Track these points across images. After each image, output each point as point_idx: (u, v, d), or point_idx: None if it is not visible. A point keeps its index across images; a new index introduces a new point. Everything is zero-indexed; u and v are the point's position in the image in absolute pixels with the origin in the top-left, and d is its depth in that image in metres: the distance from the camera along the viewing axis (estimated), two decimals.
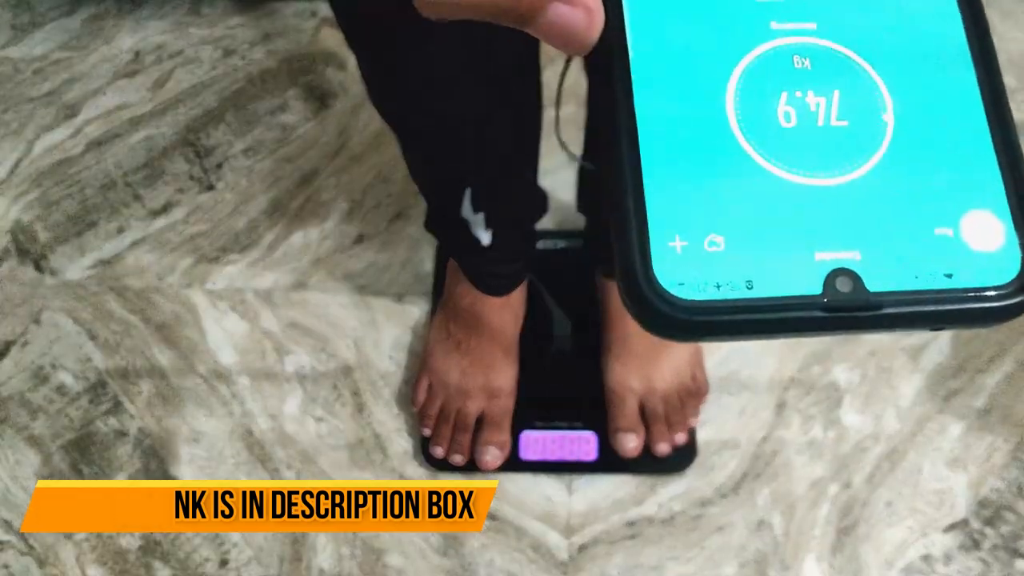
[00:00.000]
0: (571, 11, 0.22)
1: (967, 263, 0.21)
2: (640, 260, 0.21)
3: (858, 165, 0.22)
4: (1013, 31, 1.22)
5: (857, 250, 0.21)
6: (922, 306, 0.21)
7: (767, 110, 0.23)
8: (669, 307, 0.21)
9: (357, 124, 1.18)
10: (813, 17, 0.23)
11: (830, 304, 0.21)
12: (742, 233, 0.22)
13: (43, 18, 1.28)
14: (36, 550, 0.93)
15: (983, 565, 0.90)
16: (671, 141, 0.22)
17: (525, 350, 0.99)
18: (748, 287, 0.21)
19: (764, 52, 0.23)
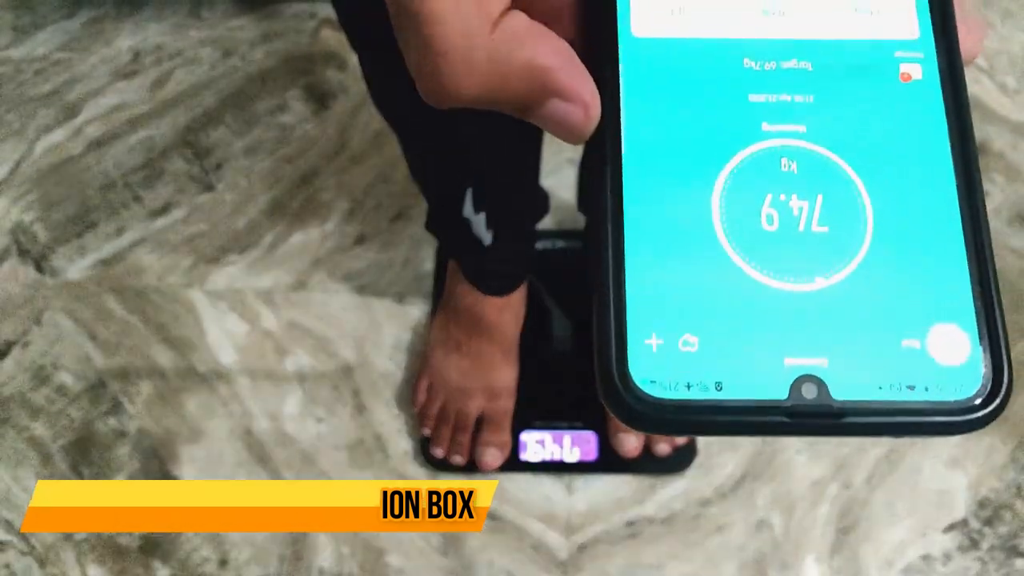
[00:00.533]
0: (569, 107, 0.22)
1: (931, 376, 0.22)
2: (616, 356, 0.22)
3: (834, 272, 0.23)
4: (1014, 31, 1.23)
5: (825, 357, 0.22)
6: (883, 417, 0.21)
7: (751, 211, 0.23)
8: (640, 404, 0.21)
9: (357, 124, 1.18)
10: (803, 120, 0.24)
11: (794, 410, 0.21)
12: (716, 334, 0.22)
13: (44, 20, 1.28)
14: (37, 550, 0.93)
15: (981, 565, 0.90)
16: (656, 237, 0.23)
17: (525, 350, 0.99)
18: (717, 388, 0.21)
19: (753, 153, 0.23)
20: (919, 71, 0.24)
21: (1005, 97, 1.17)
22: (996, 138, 1.14)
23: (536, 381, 0.99)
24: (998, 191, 1.10)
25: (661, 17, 0.25)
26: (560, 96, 0.22)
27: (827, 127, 0.24)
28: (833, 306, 0.22)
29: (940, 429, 0.22)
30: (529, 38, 0.22)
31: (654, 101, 0.24)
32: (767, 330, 0.22)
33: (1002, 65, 1.20)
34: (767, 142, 0.24)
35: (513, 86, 0.22)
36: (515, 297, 0.97)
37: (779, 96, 0.24)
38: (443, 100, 0.22)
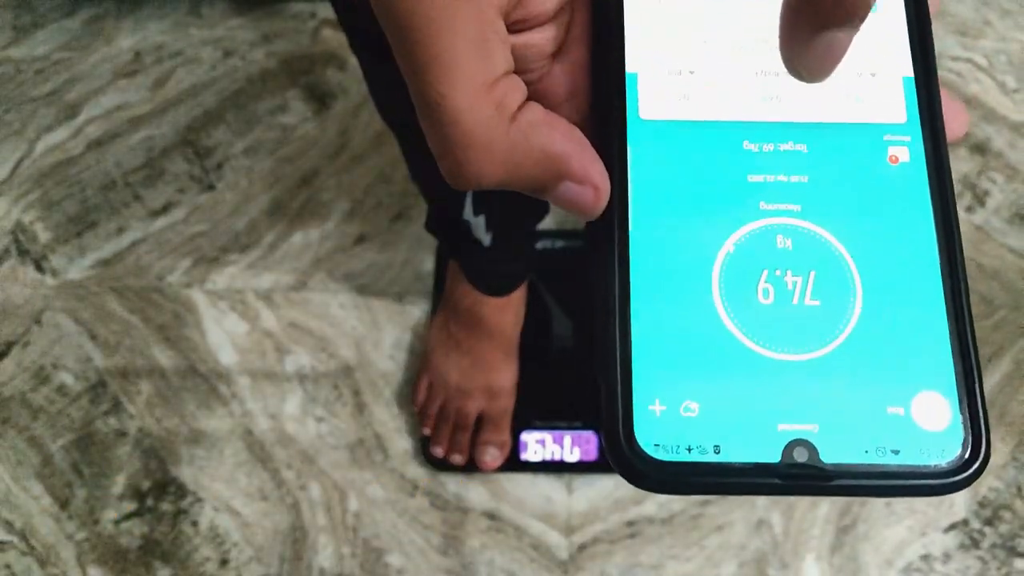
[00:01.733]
0: (581, 189, 0.24)
1: (914, 441, 0.23)
2: (622, 421, 0.23)
3: (824, 344, 0.24)
4: (1013, 31, 1.22)
5: (816, 423, 0.23)
6: (870, 479, 0.23)
7: (748, 286, 0.25)
8: (645, 465, 0.23)
9: (358, 124, 1.18)
10: (798, 199, 0.25)
11: (786, 472, 0.23)
12: (715, 401, 0.24)
13: (44, 19, 1.28)
14: (37, 550, 0.93)
15: (982, 564, 0.90)
16: (659, 310, 0.24)
17: (525, 350, 0.99)
18: (716, 451, 0.23)
19: (750, 230, 0.25)
20: (906, 154, 0.26)
21: (1004, 96, 1.17)
22: (995, 137, 1.14)
23: (536, 381, 0.99)
24: (997, 190, 1.10)
25: (667, 101, 0.26)
26: (573, 179, 0.24)
27: (820, 206, 0.25)
28: (824, 375, 0.24)
29: (923, 491, 0.23)
30: (545, 127, 0.24)
31: (660, 180, 0.26)
32: (762, 397, 0.24)
33: (1001, 64, 1.20)
34: (764, 220, 0.25)
35: (530, 172, 0.24)
36: (515, 297, 0.97)
37: (776, 176, 0.26)
38: (464, 185, 0.24)
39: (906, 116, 0.26)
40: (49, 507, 0.95)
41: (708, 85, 0.26)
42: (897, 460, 0.23)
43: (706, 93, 0.26)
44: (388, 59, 0.67)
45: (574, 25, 0.26)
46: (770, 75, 0.27)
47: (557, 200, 0.25)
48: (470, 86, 0.22)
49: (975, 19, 1.23)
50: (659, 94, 0.26)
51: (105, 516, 0.95)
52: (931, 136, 0.26)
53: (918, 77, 0.27)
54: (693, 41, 0.27)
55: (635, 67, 0.27)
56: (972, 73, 1.19)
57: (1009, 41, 1.22)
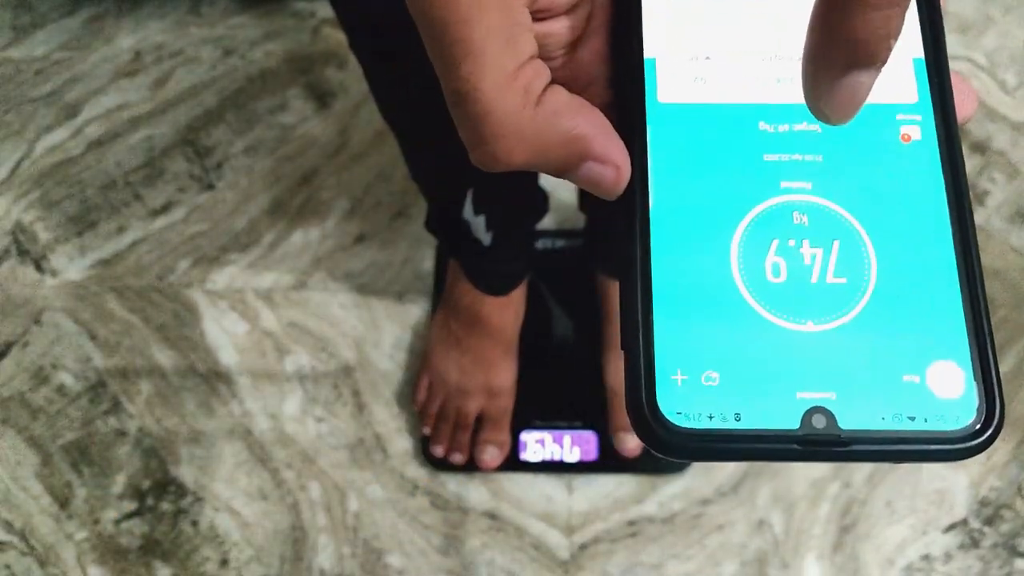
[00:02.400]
0: (603, 168, 0.25)
1: (930, 408, 0.24)
2: (646, 390, 0.24)
3: (841, 315, 0.25)
4: (1015, 27, 1.22)
5: (833, 391, 0.24)
6: (887, 444, 0.24)
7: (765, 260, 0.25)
8: (668, 433, 0.24)
9: (357, 123, 1.18)
10: (813, 177, 0.26)
11: (805, 438, 0.24)
12: (735, 371, 0.24)
13: (44, 19, 1.28)
14: (37, 550, 0.93)
15: (983, 564, 0.90)
16: (680, 284, 0.25)
17: (525, 349, 0.99)
18: (736, 419, 0.24)
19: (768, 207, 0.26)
20: (918, 132, 0.27)
21: (1005, 95, 1.17)
22: (996, 135, 1.13)
23: (536, 380, 0.99)
24: (998, 189, 1.10)
25: (684, 85, 0.27)
26: (595, 160, 0.25)
27: (835, 183, 0.26)
28: (841, 345, 0.25)
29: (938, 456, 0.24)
30: (568, 111, 0.25)
31: (678, 161, 0.27)
32: (781, 367, 0.24)
33: (1002, 62, 1.19)
34: (780, 197, 0.26)
35: (555, 153, 0.25)
36: (515, 296, 0.97)
37: (791, 155, 0.27)
38: (494, 168, 0.25)
39: (917, 96, 0.27)
40: (49, 507, 0.95)
41: (724, 69, 0.27)
42: (913, 426, 0.24)
43: (722, 76, 0.27)
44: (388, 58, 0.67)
45: (594, 14, 0.27)
46: (784, 59, 0.27)
47: (580, 179, 0.26)
48: (499, 74, 0.23)
49: (976, 17, 1.23)
50: (677, 78, 0.27)
51: (105, 516, 0.95)
52: (942, 115, 0.27)
53: (928, 58, 0.27)
54: (709, 27, 0.28)
55: (653, 52, 0.28)
56: (973, 71, 1.19)
57: (1010, 39, 1.22)
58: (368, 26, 0.63)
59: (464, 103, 0.24)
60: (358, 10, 0.63)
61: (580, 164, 0.25)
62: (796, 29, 0.27)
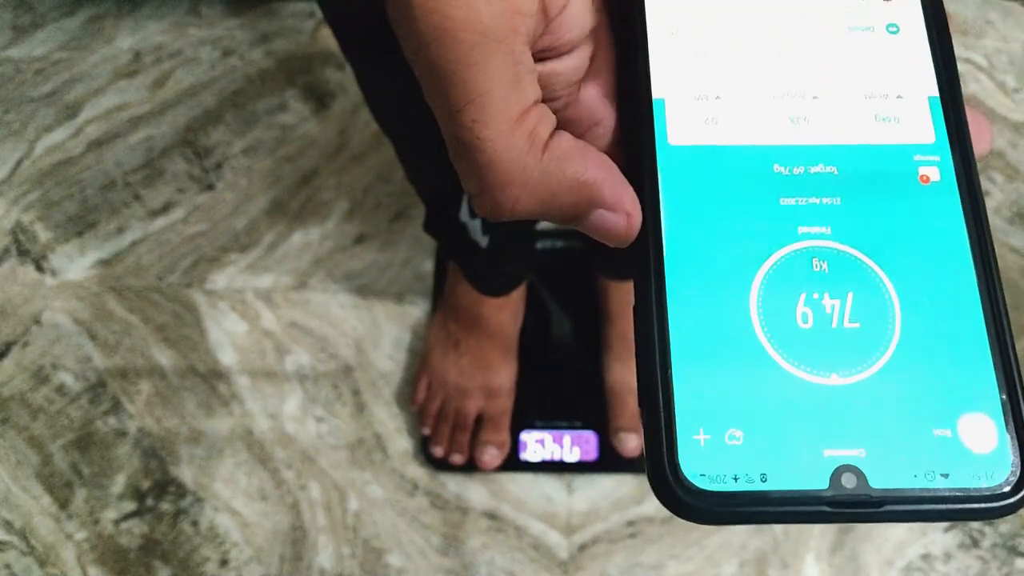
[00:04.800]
0: (613, 216, 0.24)
1: (963, 463, 0.23)
2: (667, 452, 0.23)
3: (867, 366, 0.24)
4: (1013, 30, 1.22)
5: (862, 448, 0.23)
6: (920, 504, 0.23)
7: (786, 310, 0.24)
8: (691, 497, 0.23)
9: (357, 124, 1.18)
10: (831, 222, 0.25)
11: (835, 500, 0.22)
12: (759, 428, 0.23)
13: (44, 19, 1.28)
14: (37, 550, 0.93)
15: (982, 564, 0.90)
16: (699, 337, 0.24)
17: (525, 350, 0.99)
18: (762, 480, 0.23)
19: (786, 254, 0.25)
20: (937, 173, 0.26)
21: (1005, 96, 1.17)
22: (996, 137, 1.14)
23: (536, 381, 0.99)
24: (998, 190, 1.10)
25: (695, 126, 0.26)
26: (605, 207, 0.24)
27: (854, 228, 0.25)
28: (868, 398, 0.23)
29: (973, 515, 0.23)
30: (575, 156, 0.24)
31: (691, 206, 0.25)
32: (807, 423, 0.23)
33: (1002, 64, 1.19)
34: (798, 244, 0.25)
35: (563, 201, 0.24)
36: (514, 296, 0.97)
37: (808, 199, 0.26)
38: (499, 217, 0.24)
39: (934, 136, 0.26)
40: (49, 507, 0.95)
41: (735, 109, 0.26)
42: (947, 484, 0.23)
43: (733, 117, 0.26)
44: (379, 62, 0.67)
45: (598, 53, 0.27)
46: (796, 97, 0.27)
47: (590, 228, 0.25)
48: (504, 121, 0.23)
49: (976, 19, 1.23)
50: (686, 119, 0.26)
51: (105, 516, 0.95)
52: (960, 154, 0.26)
53: (944, 96, 0.27)
54: (718, 65, 0.27)
55: (661, 93, 0.27)
56: (972, 73, 1.19)
57: (1010, 41, 1.22)
58: (358, 30, 0.63)
59: (467, 151, 0.23)
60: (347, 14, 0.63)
61: (589, 212, 0.24)
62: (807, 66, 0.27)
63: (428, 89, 0.23)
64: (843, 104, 0.27)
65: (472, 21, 0.22)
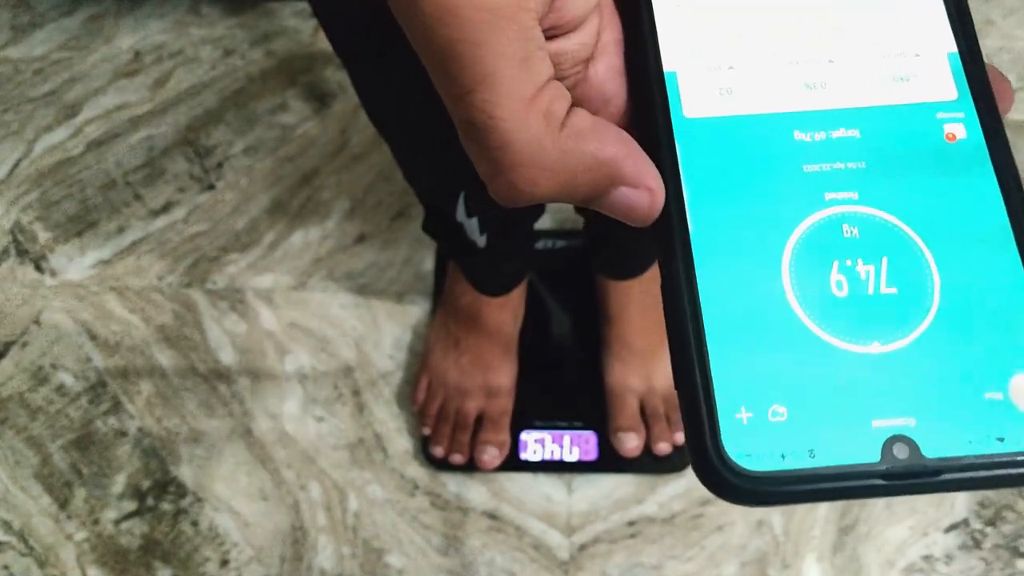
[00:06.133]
0: (636, 192, 0.24)
1: (1018, 426, 0.22)
2: (709, 433, 0.22)
3: (908, 332, 0.23)
4: (1016, 28, 1.22)
5: (912, 417, 0.22)
6: (977, 471, 0.22)
7: (820, 279, 0.24)
8: (738, 478, 0.22)
9: (357, 123, 1.17)
10: (858, 186, 0.24)
11: (889, 472, 0.22)
12: (803, 402, 0.22)
13: (43, 18, 1.28)
14: (36, 550, 0.93)
15: (984, 564, 0.90)
16: (732, 312, 0.23)
17: (525, 349, 0.99)
18: (811, 456, 0.22)
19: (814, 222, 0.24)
20: (963, 130, 0.25)
21: None
22: None
23: (536, 380, 0.99)
24: None
25: (709, 97, 0.26)
26: (627, 184, 0.23)
27: (882, 191, 0.24)
28: (912, 365, 0.23)
29: None
30: (593, 133, 0.23)
31: (713, 179, 0.25)
32: (851, 394, 0.22)
33: (1004, 63, 1.19)
34: (827, 210, 0.24)
35: (583, 180, 0.23)
36: (514, 296, 0.97)
37: (832, 165, 0.25)
38: (517, 202, 0.23)
39: (956, 92, 0.26)
40: (48, 507, 0.95)
41: (749, 78, 0.26)
42: (1003, 448, 0.22)
43: (748, 86, 0.26)
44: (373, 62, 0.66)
45: (606, 28, 0.26)
46: (811, 62, 0.26)
47: (612, 207, 0.24)
48: (517, 101, 0.22)
49: (977, 18, 1.23)
50: (700, 91, 0.26)
51: (105, 516, 0.95)
52: (985, 110, 0.25)
53: (962, 52, 0.26)
54: (728, 34, 0.26)
55: (673, 66, 0.26)
56: None
57: (1012, 40, 1.22)
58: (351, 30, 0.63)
59: (479, 134, 0.22)
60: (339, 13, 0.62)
61: (611, 190, 0.24)
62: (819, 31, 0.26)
63: (435, 73, 0.22)
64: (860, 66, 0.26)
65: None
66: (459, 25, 0.21)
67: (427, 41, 0.22)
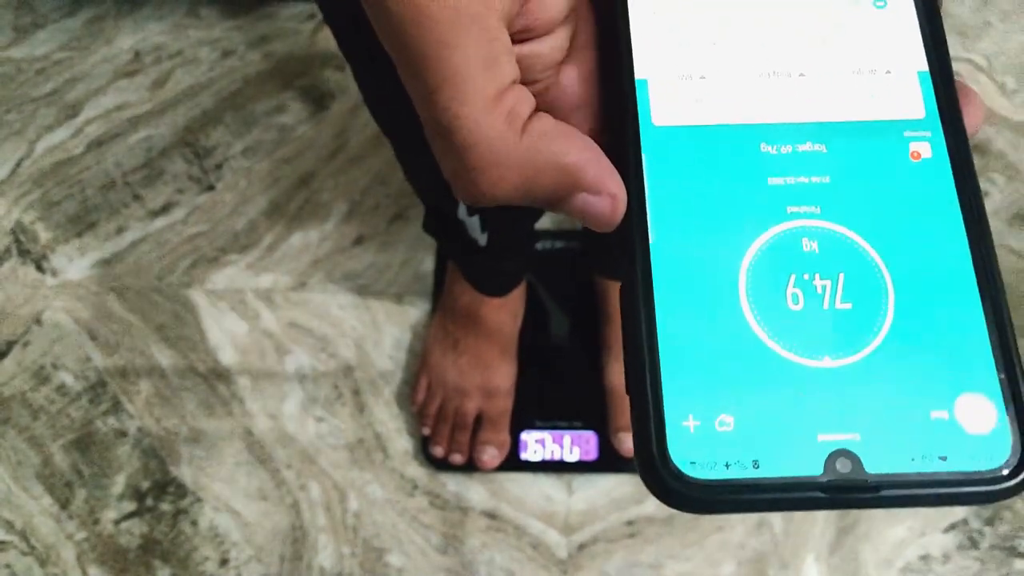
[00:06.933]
0: (597, 199, 0.24)
1: (961, 446, 0.22)
2: (656, 439, 0.22)
3: (860, 348, 0.23)
4: (1013, 32, 1.23)
5: (857, 432, 0.22)
6: (918, 488, 0.22)
7: (776, 292, 0.24)
8: (682, 485, 0.22)
9: (355, 125, 1.18)
10: (821, 201, 0.25)
11: (830, 485, 0.22)
12: (750, 413, 0.22)
13: (44, 19, 1.28)
14: (37, 550, 0.93)
15: (981, 565, 0.90)
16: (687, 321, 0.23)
17: (524, 350, 0.99)
18: (755, 466, 0.22)
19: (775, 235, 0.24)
20: (928, 149, 0.25)
21: (1004, 97, 1.17)
22: (995, 138, 1.14)
23: (536, 380, 0.99)
24: (997, 191, 1.10)
25: (679, 106, 0.26)
26: (588, 190, 0.24)
27: (844, 206, 0.25)
28: (861, 381, 0.23)
29: (973, 498, 0.22)
30: (556, 138, 0.23)
31: (677, 187, 0.25)
32: (799, 407, 0.23)
33: (1001, 65, 1.20)
34: (788, 223, 0.24)
35: (544, 184, 0.23)
36: (514, 296, 0.97)
37: (797, 178, 0.25)
38: (479, 202, 0.23)
39: (924, 111, 0.26)
40: (49, 507, 0.95)
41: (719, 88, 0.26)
42: (945, 467, 0.22)
43: (718, 96, 0.26)
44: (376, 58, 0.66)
45: (579, 33, 0.26)
46: (782, 75, 0.26)
47: (573, 212, 0.24)
48: (480, 101, 0.22)
49: (975, 20, 1.24)
50: (670, 99, 0.26)
51: (105, 516, 0.95)
52: (952, 130, 0.25)
53: (933, 71, 0.26)
54: (701, 44, 0.26)
55: (644, 73, 0.26)
56: (972, 74, 1.19)
57: (1009, 42, 1.22)
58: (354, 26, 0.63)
59: (444, 133, 0.22)
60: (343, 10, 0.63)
61: (572, 195, 0.24)
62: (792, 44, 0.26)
63: (402, 71, 0.23)
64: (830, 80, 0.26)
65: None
66: (424, 24, 0.21)
67: (393, 39, 0.22)
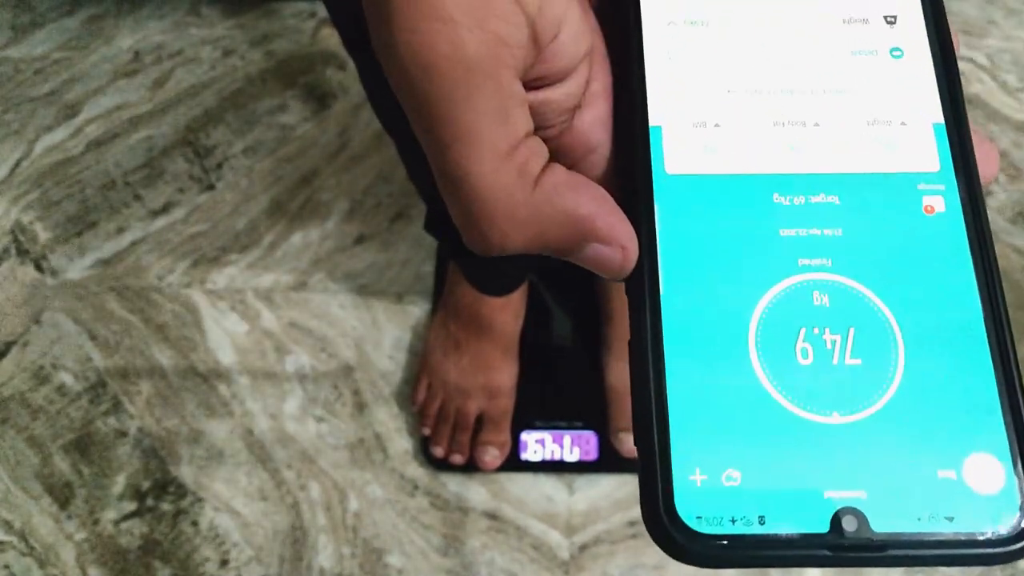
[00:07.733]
0: (608, 250, 0.24)
1: (968, 506, 0.22)
2: (662, 492, 0.22)
3: (869, 404, 0.23)
4: (1018, 29, 1.22)
5: (863, 490, 0.22)
6: (924, 549, 0.22)
7: (786, 346, 0.23)
8: (687, 539, 0.22)
9: (357, 124, 1.17)
10: (833, 254, 0.24)
11: (835, 544, 0.22)
12: (758, 468, 0.22)
13: (43, 18, 1.28)
14: (37, 550, 0.93)
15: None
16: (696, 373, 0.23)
17: (525, 350, 0.99)
18: (761, 522, 0.22)
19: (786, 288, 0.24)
20: (941, 203, 0.25)
21: (1007, 96, 1.17)
22: (999, 136, 1.13)
23: (536, 381, 0.99)
24: (1000, 190, 1.10)
25: (693, 154, 0.25)
26: (599, 240, 0.23)
27: (856, 260, 0.24)
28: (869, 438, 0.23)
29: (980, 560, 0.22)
30: (568, 190, 0.23)
31: (689, 237, 0.25)
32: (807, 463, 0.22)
33: (1005, 64, 1.19)
34: (799, 276, 0.24)
35: (555, 235, 0.23)
36: (515, 296, 0.97)
37: (809, 230, 0.25)
38: (489, 252, 0.23)
39: (939, 164, 0.25)
40: (49, 507, 0.95)
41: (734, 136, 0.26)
42: (952, 528, 0.22)
43: (732, 145, 0.26)
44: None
45: (594, 79, 0.26)
46: (796, 124, 0.26)
47: (585, 262, 0.24)
48: (492, 156, 0.22)
49: (979, 18, 1.23)
50: (684, 147, 0.26)
51: (105, 516, 0.95)
52: (966, 184, 0.25)
53: (948, 124, 0.26)
54: (716, 92, 0.26)
55: (658, 120, 0.26)
56: (975, 73, 1.19)
57: (1013, 41, 1.22)
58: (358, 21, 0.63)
59: (454, 186, 0.22)
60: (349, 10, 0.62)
61: (583, 246, 0.24)
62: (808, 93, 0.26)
63: (414, 124, 0.23)
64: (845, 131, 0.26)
65: (457, 54, 0.21)
66: (437, 81, 0.21)
67: (405, 92, 0.22)
